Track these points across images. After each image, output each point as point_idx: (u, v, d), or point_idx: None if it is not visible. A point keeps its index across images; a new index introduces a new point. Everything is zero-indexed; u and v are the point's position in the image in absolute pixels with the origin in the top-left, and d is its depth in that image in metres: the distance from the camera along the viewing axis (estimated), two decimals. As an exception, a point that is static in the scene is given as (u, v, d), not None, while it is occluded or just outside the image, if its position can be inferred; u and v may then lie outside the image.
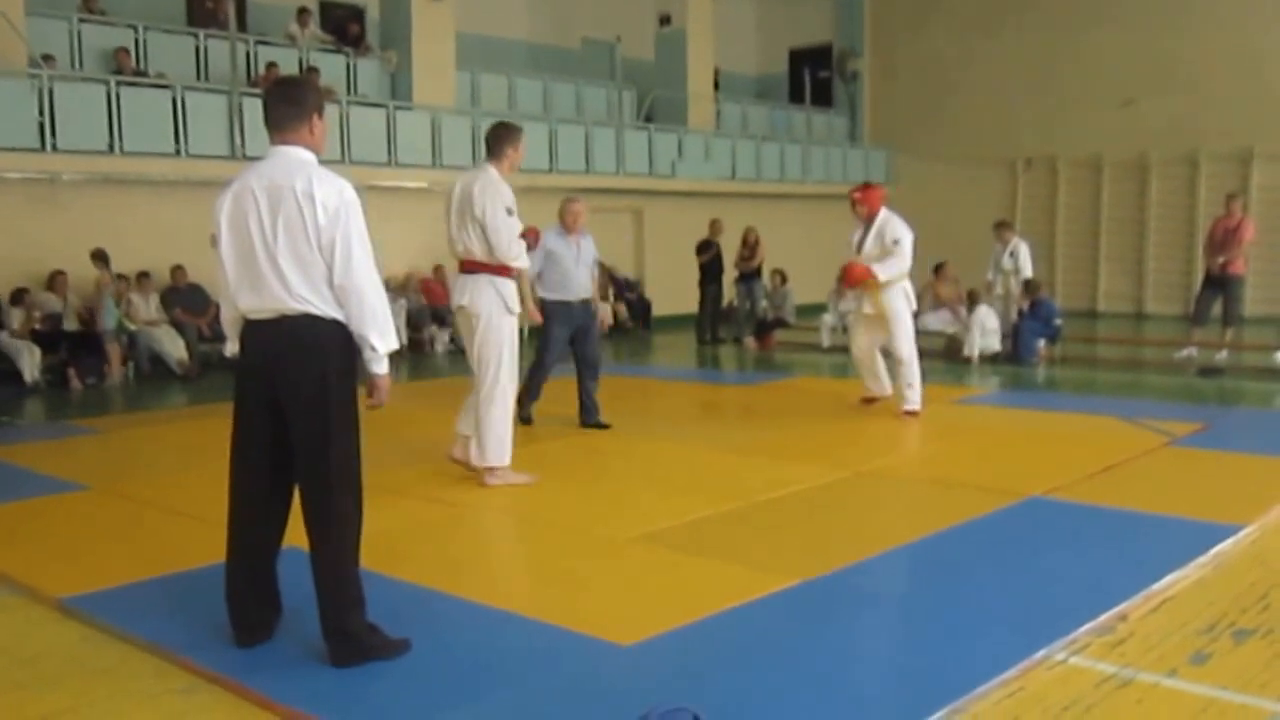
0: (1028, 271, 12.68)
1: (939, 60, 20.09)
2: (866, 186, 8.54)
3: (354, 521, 3.56)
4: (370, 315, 3.47)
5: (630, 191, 16.69)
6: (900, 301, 8.15)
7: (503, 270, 5.78)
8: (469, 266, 5.82)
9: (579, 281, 7.61)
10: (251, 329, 3.57)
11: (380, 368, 3.55)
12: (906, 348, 8.09)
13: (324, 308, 3.46)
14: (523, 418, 7.50)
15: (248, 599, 3.67)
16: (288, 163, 3.53)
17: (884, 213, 8.29)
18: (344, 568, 3.52)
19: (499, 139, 5.90)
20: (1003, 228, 13.17)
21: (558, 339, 7.65)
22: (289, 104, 3.61)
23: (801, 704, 3.18)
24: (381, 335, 3.50)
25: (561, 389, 8.11)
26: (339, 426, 3.49)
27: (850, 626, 3.84)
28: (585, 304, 7.71)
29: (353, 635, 3.50)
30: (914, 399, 8.04)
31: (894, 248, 8.03)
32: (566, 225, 7.62)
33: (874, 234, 8.18)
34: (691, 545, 4.82)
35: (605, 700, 3.22)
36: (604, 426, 7.74)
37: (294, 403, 3.47)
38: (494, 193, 5.70)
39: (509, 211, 5.73)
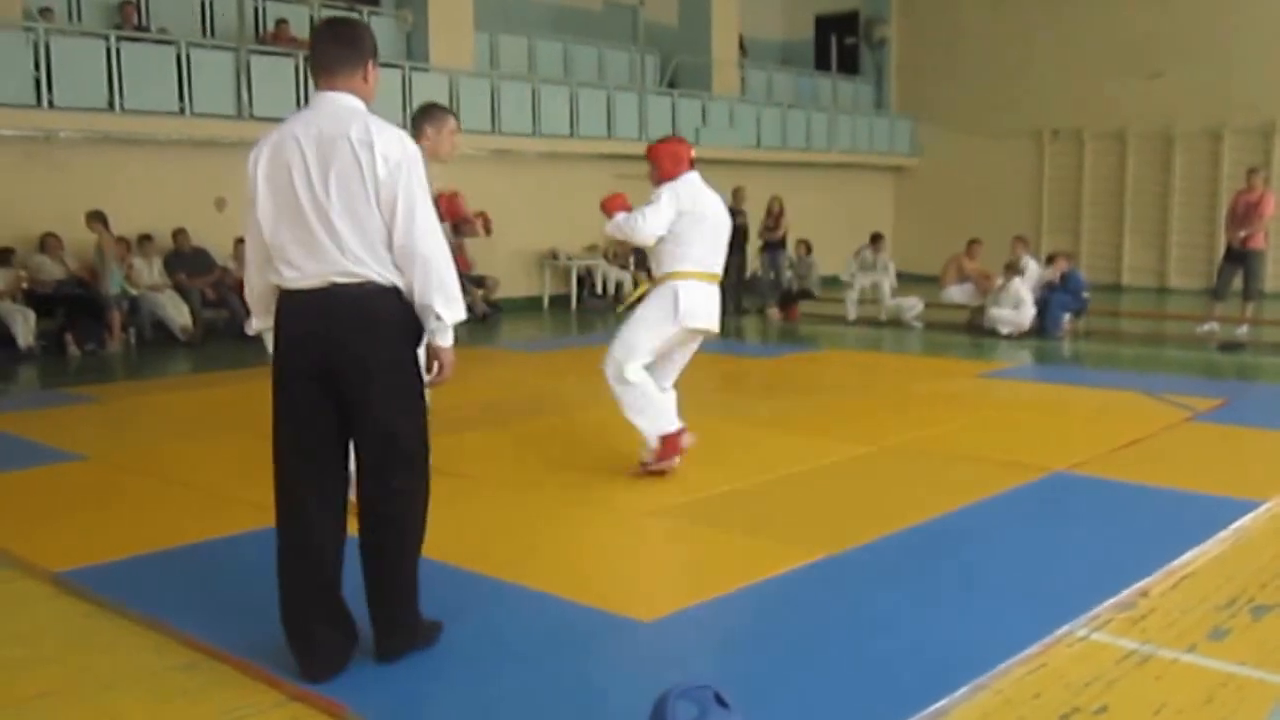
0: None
1: (967, 28, 19.86)
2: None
3: (423, 506, 3.29)
4: (436, 281, 3.11)
5: (653, 159, 16.61)
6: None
7: None
8: None
9: None
10: (296, 300, 3.15)
11: (445, 339, 3.20)
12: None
13: (383, 273, 3.10)
14: None
15: (312, 616, 3.18)
16: (338, 110, 3.14)
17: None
18: (410, 558, 3.26)
19: None
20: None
21: None
22: (343, 45, 3.22)
23: (824, 680, 3.21)
24: (447, 303, 3.15)
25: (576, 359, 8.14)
26: (406, 405, 3.21)
27: (873, 602, 3.86)
28: None
29: (411, 629, 3.28)
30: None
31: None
32: None
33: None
34: (713, 519, 4.84)
35: (626, 677, 3.23)
36: None
37: (356, 382, 3.11)
38: None
39: None
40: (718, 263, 5.55)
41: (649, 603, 3.80)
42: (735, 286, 14.82)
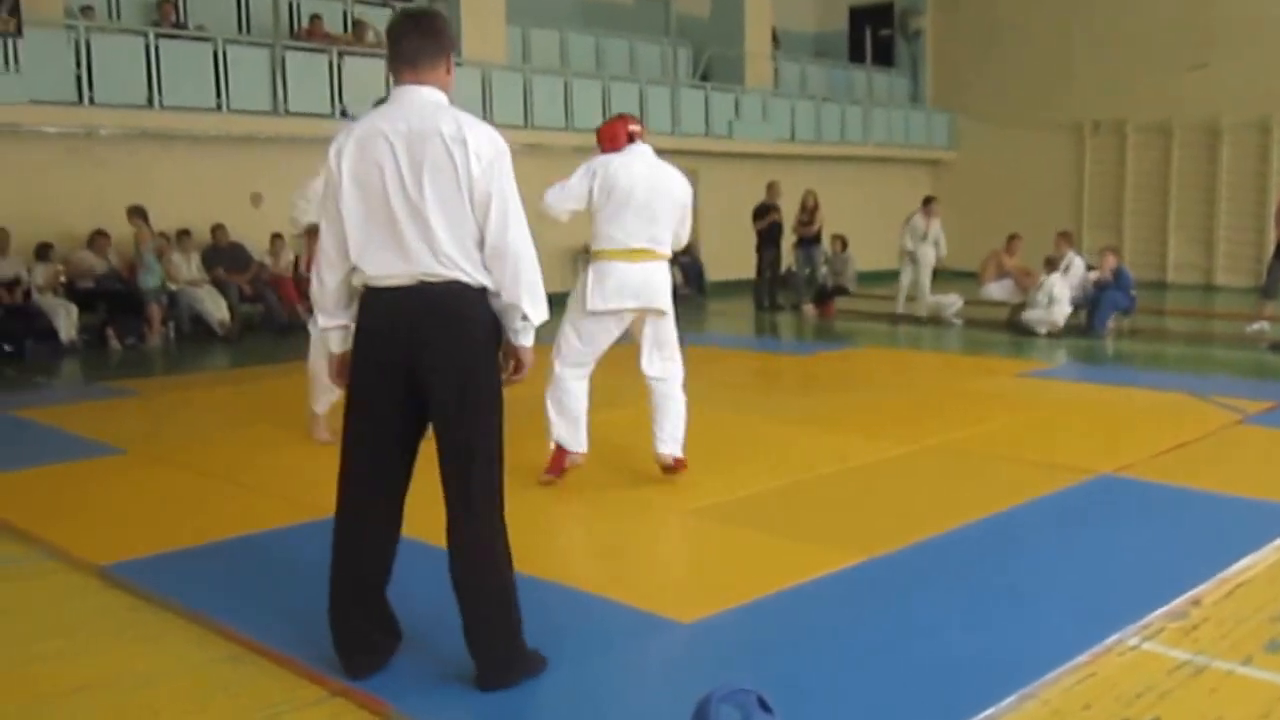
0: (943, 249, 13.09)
1: (1004, 18, 19.58)
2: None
3: (505, 533, 3.18)
4: (525, 280, 3.10)
5: (685, 152, 16.42)
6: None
7: None
8: None
9: None
10: (380, 297, 3.10)
11: (528, 339, 3.19)
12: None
13: (473, 273, 3.06)
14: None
15: (356, 615, 3.19)
16: (424, 105, 3.09)
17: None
18: (506, 593, 3.15)
19: None
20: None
21: None
22: (426, 37, 3.14)
23: (867, 687, 3.16)
24: (534, 303, 3.14)
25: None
26: (490, 411, 3.13)
27: (916, 606, 3.79)
28: None
29: (513, 661, 3.15)
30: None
31: None
32: None
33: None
34: (752, 519, 4.79)
35: (665, 679, 3.20)
36: None
37: (439, 383, 3.06)
38: None
39: None
40: (650, 236, 5.10)
41: (687, 604, 3.77)
42: (770, 282, 14.76)
